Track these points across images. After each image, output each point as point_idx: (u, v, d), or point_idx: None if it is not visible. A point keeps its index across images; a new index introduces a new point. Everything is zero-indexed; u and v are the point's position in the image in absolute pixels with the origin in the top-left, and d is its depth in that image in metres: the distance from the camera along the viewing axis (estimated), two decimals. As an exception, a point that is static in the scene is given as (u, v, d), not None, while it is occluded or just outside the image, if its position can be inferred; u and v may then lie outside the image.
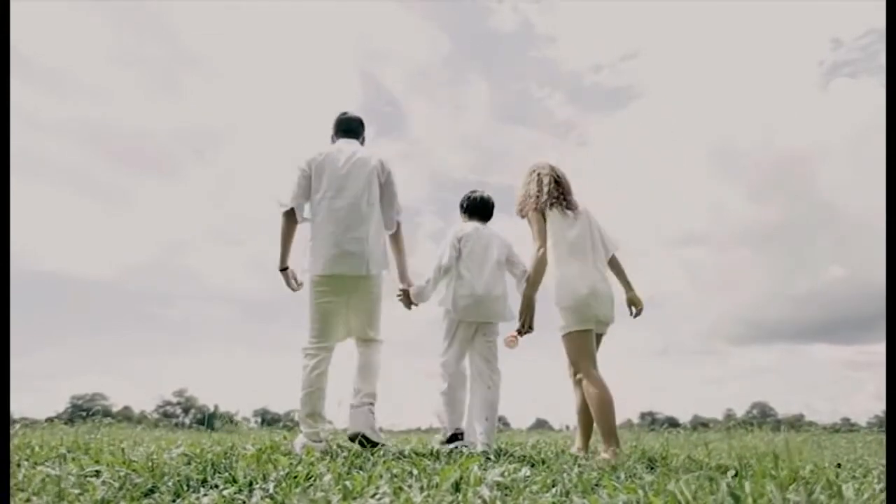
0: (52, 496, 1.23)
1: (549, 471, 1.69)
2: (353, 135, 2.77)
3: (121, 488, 1.30)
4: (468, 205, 3.05)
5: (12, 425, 3.62)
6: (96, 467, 1.62)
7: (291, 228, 2.61)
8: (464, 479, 1.36)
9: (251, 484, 1.37)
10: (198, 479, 1.43)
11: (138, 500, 1.23)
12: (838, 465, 2.52)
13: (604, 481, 1.46)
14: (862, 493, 1.35)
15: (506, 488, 1.34)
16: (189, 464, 1.65)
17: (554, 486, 1.42)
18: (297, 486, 1.34)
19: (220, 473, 1.49)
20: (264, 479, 1.42)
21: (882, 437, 5.64)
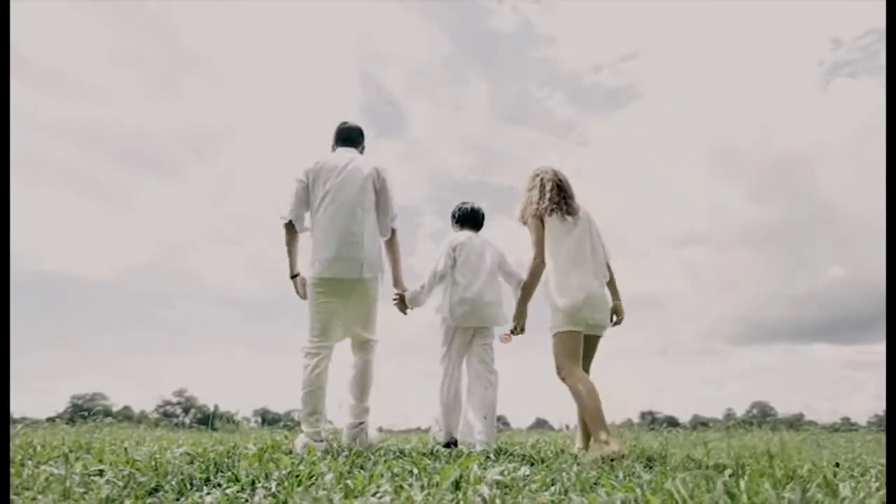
0: (57, 495, 1.24)
1: (548, 470, 1.71)
2: (353, 144, 2.86)
3: (125, 487, 1.32)
4: (460, 215, 3.17)
5: (13, 425, 3.65)
6: (100, 466, 1.63)
7: (293, 239, 2.72)
8: (464, 478, 1.38)
9: (254, 483, 1.39)
10: (201, 478, 1.44)
11: (143, 498, 1.24)
12: (836, 464, 2.53)
13: (602, 480, 1.48)
14: (858, 492, 1.37)
15: (505, 487, 1.36)
16: (192, 463, 1.66)
17: (553, 485, 1.44)
18: (299, 485, 1.36)
19: (222, 472, 1.50)
20: (266, 478, 1.43)
21: (881, 436, 5.66)
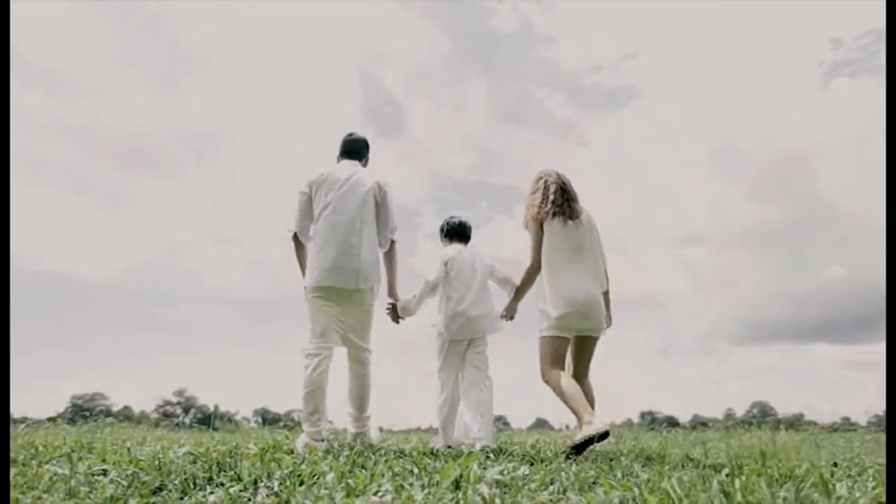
0: (62, 494, 1.26)
1: (547, 469, 1.72)
2: (357, 156, 2.93)
3: (129, 486, 1.33)
4: (448, 229, 3.25)
5: (16, 425, 3.67)
6: (103, 466, 1.65)
7: (300, 250, 2.84)
8: (464, 478, 1.39)
9: (256, 482, 1.41)
10: (204, 478, 1.46)
11: (147, 497, 1.26)
12: (834, 464, 2.55)
13: (600, 479, 1.50)
14: (854, 492, 1.38)
15: (505, 486, 1.37)
16: (195, 462, 1.68)
17: (552, 484, 1.45)
18: (301, 485, 1.38)
19: (225, 472, 1.52)
20: (269, 477, 1.45)
21: (879, 436, 5.67)
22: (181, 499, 1.28)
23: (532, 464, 1.92)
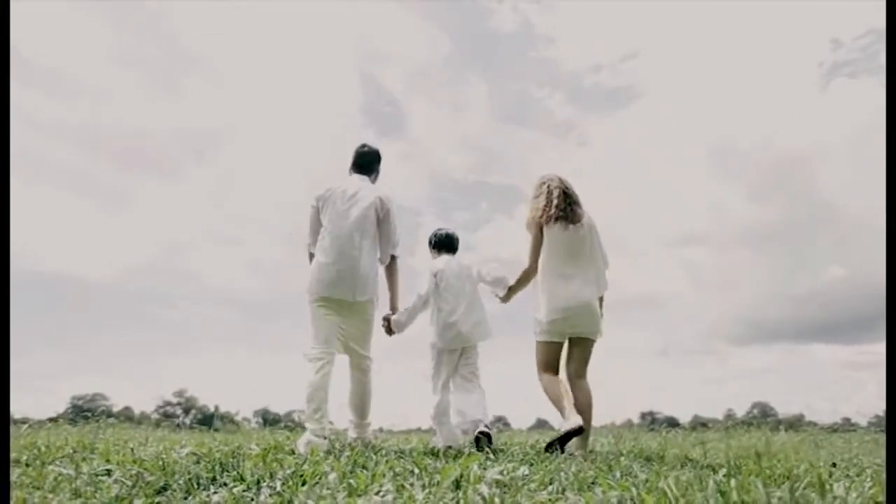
0: (68, 494, 1.28)
1: (546, 469, 1.74)
2: (367, 170, 3.00)
3: (134, 486, 1.35)
4: (436, 241, 3.32)
5: (18, 426, 3.69)
6: (107, 466, 1.67)
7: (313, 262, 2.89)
8: (464, 477, 1.41)
9: (259, 482, 1.42)
10: (207, 478, 1.47)
11: (151, 497, 1.27)
12: (833, 464, 2.56)
13: (599, 479, 1.51)
14: (851, 492, 1.40)
15: (504, 486, 1.39)
16: (198, 463, 1.69)
17: (551, 484, 1.47)
18: (303, 485, 1.39)
19: (228, 472, 1.53)
20: (271, 477, 1.46)
21: (878, 436, 5.68)
22: (185, 499, 1.30)
23: (532, 464, 1.93)
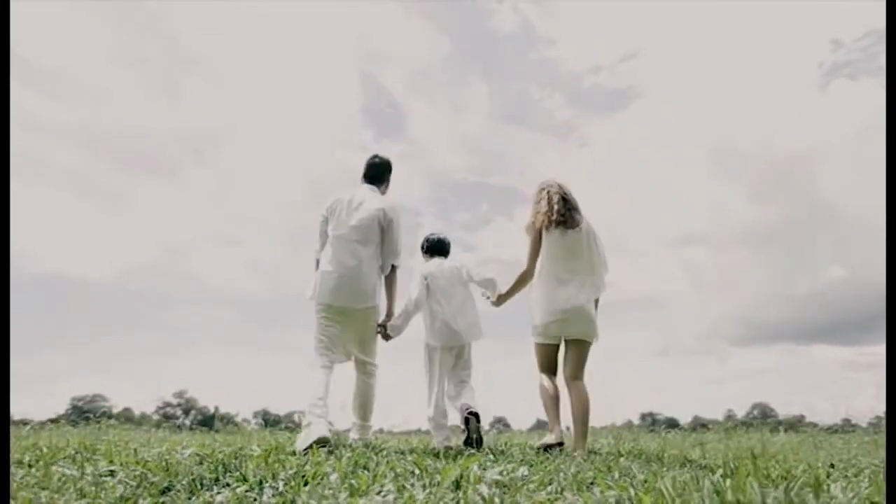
0: (73, 494, 1.29)
1: (545, 470, 1.76)
2: (377, 181, 3.05)
3: (138, 486, 1.37)
4: (428, 246, 3.40)
5: (19, 427, 3.70)
6: (110, 467, 1.68)
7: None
8: (464, 478, 1.43)
9: (261, 483, 1.44)
10: (210, 478, 1.49)
11: (156, 497, 1.29)
12: (831, 465, 2.58)
13: (598, 479, 1.53)
14: (848, 492, 1.41)
15: (504, 486, 1.40)
16: (201, 463, 1.71)
17: (550, 484, 1.49)
18: (305, 485, 1.41)
19: (231, 473, 1.55)
20: (274, 478, 1.48)
21: (877, 437, 5.69)
22: (189, 499, 1.31)
23: (531, 465, 1.95)
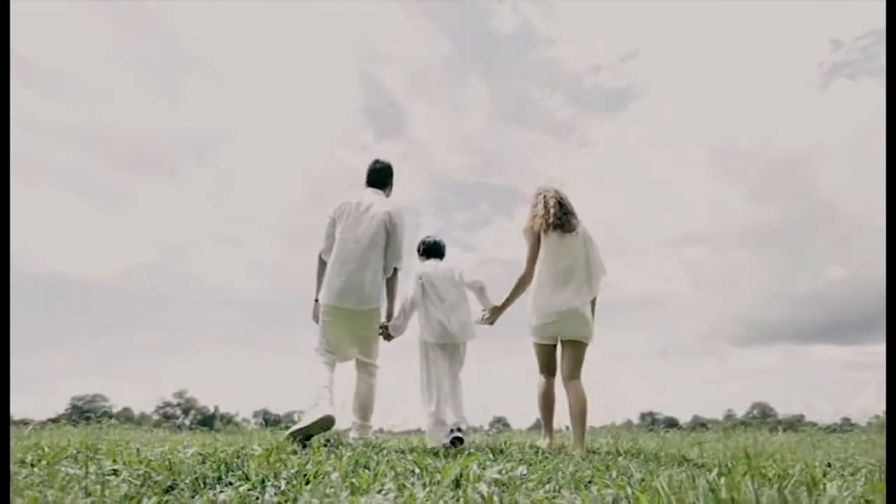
0: (79, 493, 1.31)
1: (544, 469, 1.78)
2: (380, 185, 3.13)
3: (142, 485, 1.39)
4: (424, 248, 3.50)
5: (19, 427, 3.72)
6: (114, 466, 1.70)
7: (321, 268, 3.04)
8: (464, 476, 1.45)
9: (263, 481, 1.45)
10: (213, 477, 1.51)
11: (160, 495, 1.31)
12: (828, 464, 2.60)
13: (595, 478, 1.55)
14: (843, 491, 1.43)
15: (503, 484, 1.42)
16: (204, 463, 1.73)
17: (548, 483, 1.50)
18: (307, 484, 1.43)
19: (233, 472, 1.56)
20: (276, 476, 1.50)
21: (876, 437, 5.71)
22: (192, 497, 1.33)
23: (530, 464, 1.97)
